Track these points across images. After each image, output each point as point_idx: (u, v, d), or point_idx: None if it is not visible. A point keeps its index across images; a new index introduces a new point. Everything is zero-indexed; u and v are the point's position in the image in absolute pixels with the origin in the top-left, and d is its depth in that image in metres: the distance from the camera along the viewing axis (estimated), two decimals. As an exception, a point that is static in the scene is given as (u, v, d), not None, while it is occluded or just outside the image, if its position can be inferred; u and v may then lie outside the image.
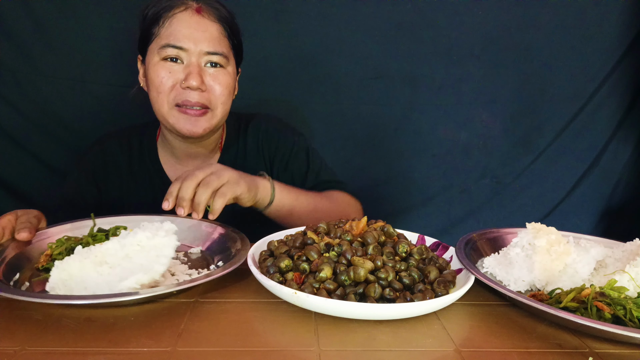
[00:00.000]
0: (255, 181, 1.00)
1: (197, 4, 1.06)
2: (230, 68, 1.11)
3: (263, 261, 0.82)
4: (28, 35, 1.54)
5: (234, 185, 0.93)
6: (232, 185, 0.93)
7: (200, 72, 1.05)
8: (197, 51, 1.05)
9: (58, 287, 0.73)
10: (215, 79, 1.07)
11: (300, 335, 0.67)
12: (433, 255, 0.82)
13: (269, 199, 1.02)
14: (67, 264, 0.75)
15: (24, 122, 1.59)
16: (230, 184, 0.92)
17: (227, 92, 1.10)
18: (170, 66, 1.05)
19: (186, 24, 1.04)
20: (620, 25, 1.73)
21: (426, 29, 1.69)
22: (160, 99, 1.06)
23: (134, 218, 0.99)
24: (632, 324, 0.68)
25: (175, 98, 1.06)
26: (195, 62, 1.05)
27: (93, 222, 0.95)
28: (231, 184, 0.93)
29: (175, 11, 1.05)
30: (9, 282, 0.77)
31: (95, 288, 0.73)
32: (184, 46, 1.04)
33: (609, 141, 1.85)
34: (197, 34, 1.04)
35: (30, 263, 0.85)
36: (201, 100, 1.06)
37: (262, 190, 1.01)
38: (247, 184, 0.96)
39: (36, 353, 0.62)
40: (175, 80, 1.05)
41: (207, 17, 1.06)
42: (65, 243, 0.86)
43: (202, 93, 1.06)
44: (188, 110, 1.06)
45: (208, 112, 1.08)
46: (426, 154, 1.82)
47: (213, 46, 1.06)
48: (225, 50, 1.08)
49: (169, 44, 1.04)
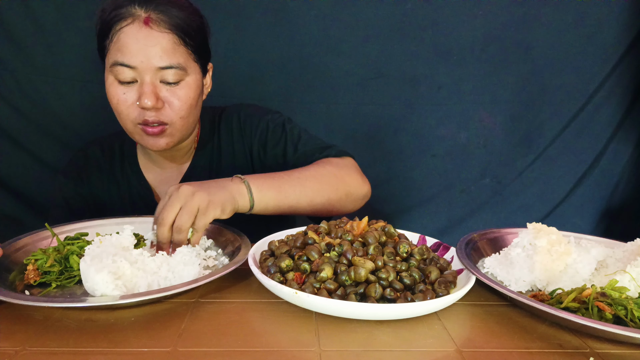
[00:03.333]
0: (230, 192, 0.92)
1: (146, 14, 0.98)
2: (191, 77, 1.04)
3: (264, 261, 0.82)
4: (28, 35, 1.54)
5: (204, 215, 0.86)
6: (201, 216, 0.86)
7: (155, 90, 0.99)
8: (149, 67, 0.98)
9: (109, 289, 0.73)
10: (172, 94, 1.01)
11: (300, 335, 0.67)
12: (434, 256, 0.82)
13: (248, 204, 0.95)
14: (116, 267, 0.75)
15: (24, 122, 1.60)
16: (200, 215, 0.86)
17: (187, 105, 1.04)
18: (124, 88, 1.00)
19: (134, 40, 0.97)
20: (620, 25, 1.73)
21: (426, 29, 1.69)
22: (121, 119, 1.03)
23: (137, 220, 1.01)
24: (633, 324, 0.68)
25: (135, 118, 1.02)
26: (149, 80, 0.99)
27: (51, 232, 0.91)
28: (201, 215, 0.86)
29: (122, 24, 0.98)
30: (4, 282, 0.77)
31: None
32: (134, 64, 0.97)
33: (609, 141, 1.85)
34: (147, 49, 0.97)
35: (20, 264, 0.83)
36: (159, 117, 1.01)
37: (239, 198, 0.93)
38: (221, 201, 0.89)
39: (37, 353, 0.61)
40: (131, 100, 1.00)
41: (156, 29, 0.98)
42: (52, 254, 0.83)
43: (160, 110, 1.01)
44: (148, 129, 1.02)
45: (166, 128, 1.03)
46: (426, 154, 1.82)
47: (165, 60, 0.98)
48: (181, 61, 1.01)
49: (117, 62, 0.98)
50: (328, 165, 1.09)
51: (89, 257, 0.76)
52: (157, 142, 1.05)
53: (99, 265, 0.73)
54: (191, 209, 0.84)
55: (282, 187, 0.99)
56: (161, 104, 1.01)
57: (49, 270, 0.81)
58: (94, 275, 0.72)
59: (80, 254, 0.82)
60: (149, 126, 1.02)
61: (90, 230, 0.95)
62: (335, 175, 1.07)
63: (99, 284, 0.72)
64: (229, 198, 0.91)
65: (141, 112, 1.01)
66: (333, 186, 1.06)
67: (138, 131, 1.04)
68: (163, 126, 1.03)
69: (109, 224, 0.99)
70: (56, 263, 0.82)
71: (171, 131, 1.05)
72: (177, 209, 0.85)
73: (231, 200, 0.91)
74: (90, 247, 0.79)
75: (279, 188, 0.99)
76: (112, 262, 0.74)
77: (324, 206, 1.05)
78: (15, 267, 0.82)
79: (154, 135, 1.03)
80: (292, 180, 1.01)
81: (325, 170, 1.08)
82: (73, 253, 0.83)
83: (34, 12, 1.52)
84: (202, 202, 0.85)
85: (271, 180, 0.99)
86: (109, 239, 0.81)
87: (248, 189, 0.95)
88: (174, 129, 1.05)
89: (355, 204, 1.12)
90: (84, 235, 0.91)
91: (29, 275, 0.80)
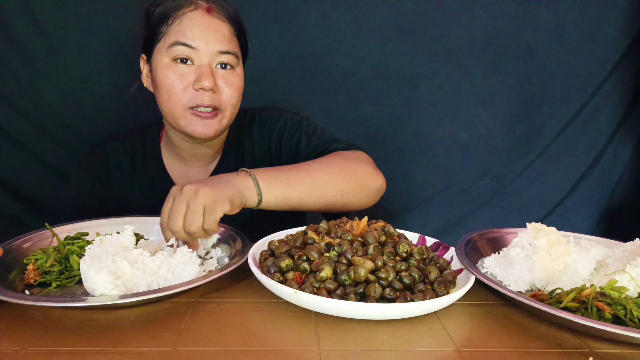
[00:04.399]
0: (236, 186, 0.90)
1: (207, 4, 1.05)
2: (239, 69, 1.10)
3: (263, 261, 0.82)
4: (28, 35, 1.54)
5: (212, 212, 0.84)
6: (209, 214, 0.84)
7: (213, 73, 1.03)
8: (209, 51, 1.03)
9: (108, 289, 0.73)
10: (226, 81, 1.06)
11: (300, 335, 0.67)
12: (433, 256, 0.82)
13: (256, 198, 0.93)
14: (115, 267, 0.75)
15: (24, 122, 1.59)
16: (208, 214, 0.84)
17: (238, 94, 1.09)
18: (180, 68, 1.02)
19: (197, 23, 1.02)
20: (620, 25, 1.73)
21: (426, 29, 1.69)
22: (172, 101, 1.03)
23: (137, 219, 1.00)
24: (632, 324, 0.68)
25: (189, 101, 1.03)
26: (207, 62, 1.03)
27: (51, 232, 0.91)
28: (209, 214, 0.84)
29: (185, 10, 1.03)
30: (4, 282, 0.77)
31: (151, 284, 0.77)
32: (195, 45, 1.02)
33: (609, 141, 1.85)
34: (209, 34, 1.03)
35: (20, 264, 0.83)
36: (213, 102, 1.04)
37: (246, 192, 0.91)
38: (228, 197, 0.87)
39: (37, 353, 0.62)
40: (187, 82, 1.02)
41: (217, 17, 1.05)
42: (53, 254, 0.83)
43: (214, 95, 1.04)
44: (200, 113, 1.04)
45: (219, 113, 1.06)
46: (426, 154, 1.82)
47: (225, 45, 1.04)
48: (236, 50, 1.07)
49: (178, 42, 1.01)
50: (338, 157, 1.08)
51: (88, 257, 0.76)
52: (206, 127, 1.05)
53: (98, 265, 0.73)
54: (196, 209, 0.83)
55: (290, 180, 0.97)
56: (217, 88, 1.04)
57: (49, 270, 0.81)
58: (93, 275, 0.72)
59: (81, 253, 0.82)
60: (202, 111, 1.04)
61: (90, 230, 0.95)
62: (347, 167, 1.05)
63: (98, 284, 0.72)
64: (235, 192, 0.89)
65: (195, 95, 1.03)
66: (344, 177, 1.03)
67: (188, 116, 1.05)
68: (216, 111, 1.06)
69: (109, 224, 0.99)
70: (56, 263, 0.82)
71: (222, 117, 1.07)
72: (183, 211, 0.83)
73: (238, 194, 0.89)
74: (91, 247, 0.79)
75: (287, 180, 0.97)
76: (112, 262, 0.74)
77: (336, 198, 1.02)
78: (16, 267, 0.82)
79: (206, 120, 1.05)
80: (301, 172, 0.99)
81: (335, 161, 1.05)
82: (73, 253, 0.83)
83: (34, 12, 1.52)
84: (207, 200, 0.83)
85: (278, 173, 0.97)
86: (109, 238, 0.81)
87: (255, 182, 0.93)
88: (224, 116, 1.08)
89: (369, 197, 1.09)
90: (84, 235, 0.92)
91: (29, 274, 0.80)
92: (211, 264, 0.88)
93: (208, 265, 0.88)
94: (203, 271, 0.85)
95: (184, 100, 1.03)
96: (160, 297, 0.74)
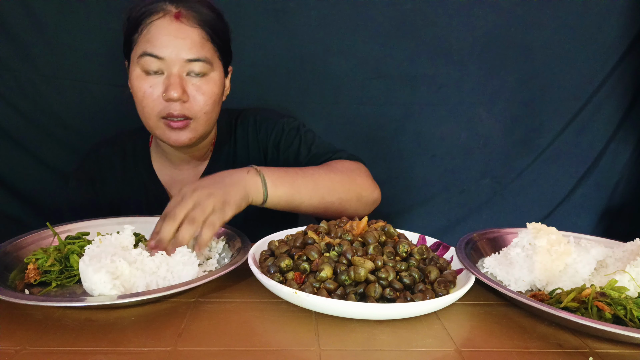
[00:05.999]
0: (244, 187, 0.91)
1: (176, 9, 1.01)
2: (215, 73, 1.06)
3: (263, 261, 0.82)
4: (28, 35, 1.54)
5: (221, 212, 0.85)
6: (218, 213, 0.85)
7: (182, 82, 1.01)
8: (177, 60, 1.00)
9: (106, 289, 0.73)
10: (198, 88, 1.03)
11: (300, 335, 0.67)
12: (434, 256, 0.82)
13: (261, 199, 0.95)
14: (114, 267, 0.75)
15: (24, 122, 1.59)
16: (216, 213, 0.85)
17: (212, 101, 1.06)
18: (151, 79, 1.01)
19: (164, 32, 0.99)
20: (620, 25, 1.73)
21: (426, 29, 1.69)
22: (145, 112, 1.04)
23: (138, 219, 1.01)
24: (632, 324, 0.68)
25: (160, 112, 1.02)
26: (176, 72, 1.01)
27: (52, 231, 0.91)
28: (218, 212, 0.85)
29: (153, 18, 1.00)
30: (4, 282, 0.77)
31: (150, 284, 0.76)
32: (162, 55, 0.99)
33: (609, 141, 1.85)
34: (177, 41, 1.00)
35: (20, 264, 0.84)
36: (183, 111, 1.02)
37: (253, 193, 0.93)
38: (236, 201, 0.88)
39: (36, 353, 0.62)
40: (158, 93, 1.01)
41: (186, 23, 1.01)
42: (53, 253, 0.83)
43: (185, 104, 1.02)
44: (172, 123, 1.03)
45: (190, 122, 1.04)
46: (426, 154, 1.82)
47: (194, 52, 1.01)
48: (208, 55, 1.04)
49: (146, 53, 1.00)
50: (340, 166, 1.10)
51: (87, 257, 0.76)
52: (179, 137, 1.05)
53: (97, 265, 0.73)
54: (205, 207, 0.84)
55: (295, 183, 0.99)
56: (187, 97, 1.02)
57: (49, 269, 0.81)
58: (91, 275, 0.72)
59: (81, 253, 0.82)
60: (173, 120, 1.03)
61: (91, 230, 0.95)
62: (348, 176, 1.07)
63: (96, 284, 0.72)
64: (243, 196, 0.91)
65: (166, 106, 1.02)
66: (345, 186, 1.05)
67: (161, 126, 1.04)
68: (187, 120, 1.04)
69: (109, 223, 0.99)
70: (56, 262, 0.82)
71: (194, 126, 1.06)
72: (191, 206, 0.84)
73: (245, 197, 0.91)
74: (90, 246, 0.79)
75: (293, 184, 0.98)
76: (111, 262, 0.74)
77: (334, 205, 1.04)
78: (16, 267, 0.82)
79: (178, 130, 1.04)
80: (306, 177, 1.01)
81: (338, 170, 1.08)
82: (73, 252, 0.83)
83: (34, 12, 1.52)
84: (217, 203, 0.85)
85: (285, 175, 0.99)
86: (108, 238, 0.81)
87: (263, 183, 0.94)
88: (198, 124, 1.06)
89: (365, 208, 1.11)
90: (84, 234, 0.92)
91: (30, 274, 0.80)
92: (211, 264, 0.88)
93: (208, 266, 0.88)
94: (203, 271, 0.85)
95: (156, 110, 1.02)
96: (160, 297, 0.74)
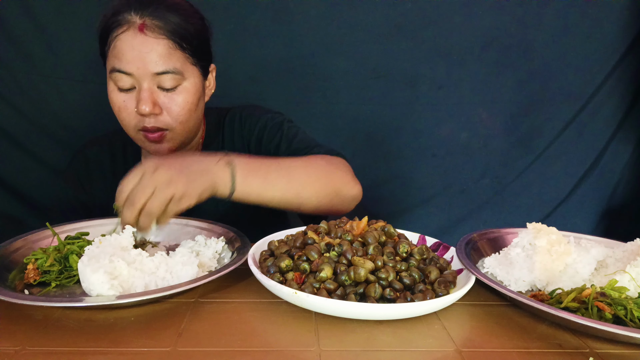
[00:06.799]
0: (211, 177, 0.88)
1: (141, 20, 0.97)
2: (188, 81, 1.03)
3: (263, 261, 0.82)
4: (28, 35, 1.54)
5: (177, 203, 0.84)
6: (174, 204, 0.84)
7: (152, 96, 0.99)
8: (146, 74, 0.98)
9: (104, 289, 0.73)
10: (170, 100, 1.02)
11: (300, 335, 0.67)
12: (434, 256, 0.82)
13: (228, 192, 0.91)
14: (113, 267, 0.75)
15: (24, 122, 1.60)
16: (173, 203, 0.84)
17: (186, 110, 1.04)
18: (123, 95, 1.01)
19: (129, 47, 0.97)
20: (620, 25, 1.73)
21: (426, 29, 1.69)
22: (124, 125, 1.04)
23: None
24: (632, 324, 0.68)
25: (136, 125, 1.02)
26: (146, 86, 0.99)
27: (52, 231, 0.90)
28: (174, 203, 0.84)
29: (118, 32, 0.98)
30: (4, 282, 0.77)
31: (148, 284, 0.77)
32: (130, 71, 0.98)
33: (609, 141, 1.85)
34: (143, 56, 0.97)
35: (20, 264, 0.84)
36: (157, 124, 1.01)
37: (219, 185, 0.89)
38: (198, 193, 0.86)
39: (36, 353, 0.61)
40: (132, 106, 1.01)
41: (151, 35, 0.98)
42: (52, 254, 0.83)
43: (158, 116, 1.01)
44: (148, 135, 1.03)
45: (166, 133, 1.04)
46: (426, 154, 1.83)
47: (161, 65, 0.98)
48: (178, 66, 1.00)
49: (115, 68, 0.99)
50: (319, 160, 1.07)
51: (86, 257, 0.76)
52: (158, 148, 1.05)
53: (95, 265, 0.73)
54: (165, 196, 0.82)
55: (268, 176, 0.95)
56: (159, 110, 1.00)
57: (48, 269, 0.81)
58: (90, 275, 0.72)
59: (80, 253, 0.82)
60: (149, 132, 1.02)
61: (91, 230, 0.95)
62: (326, 171, 1.04)
63: (95, 284, 0.72)
64: (207, 186, 0.88)
65: (141, 119, 1.01)
66: (321, 181, 1.02)
67: (140, 137, 1.04)
68: (162, 132, 1.03)
69: (109, 223, 0.99)
70: (56, 262, 0.82)
71: (172, 136, 1.05)
72: (150, 192, 0.82)
73: (209, 188, 0.88)
74: (90, 247, 0.79)
75: (265, 177, 0.95)
76: (109, 262, 0.74)
77: (310, 201, 1.01)
78: (16, 267, 0.82)
79: (155, 142, 1.04)
80: (281, 170, 0.98)
81: (315, 163, 1.05)
82: (73, 252, 0.83)
83: (34, 12, 1.52)
84: (177, 192, 0.83)
85: (258, 167, 0.95)
86: (108, 238, 0.81)
87: (232, 175, 0.91)
88: (175, 134, 1.05)
89: (344, 204, 1.07)
90: (84, 234, 0.91)
91: (29, 274, 0.80)
92: (211, 264, 0.88)
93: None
94: (202, 272, 0.85)
95: (132, 124, 1.03)
96: (159, 297, 0.73)
